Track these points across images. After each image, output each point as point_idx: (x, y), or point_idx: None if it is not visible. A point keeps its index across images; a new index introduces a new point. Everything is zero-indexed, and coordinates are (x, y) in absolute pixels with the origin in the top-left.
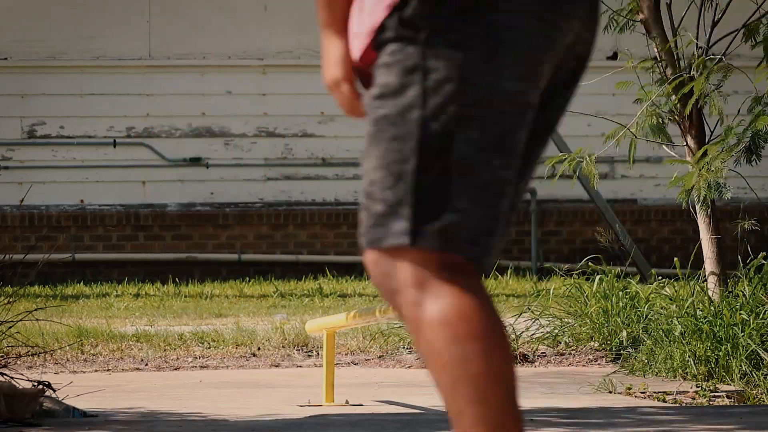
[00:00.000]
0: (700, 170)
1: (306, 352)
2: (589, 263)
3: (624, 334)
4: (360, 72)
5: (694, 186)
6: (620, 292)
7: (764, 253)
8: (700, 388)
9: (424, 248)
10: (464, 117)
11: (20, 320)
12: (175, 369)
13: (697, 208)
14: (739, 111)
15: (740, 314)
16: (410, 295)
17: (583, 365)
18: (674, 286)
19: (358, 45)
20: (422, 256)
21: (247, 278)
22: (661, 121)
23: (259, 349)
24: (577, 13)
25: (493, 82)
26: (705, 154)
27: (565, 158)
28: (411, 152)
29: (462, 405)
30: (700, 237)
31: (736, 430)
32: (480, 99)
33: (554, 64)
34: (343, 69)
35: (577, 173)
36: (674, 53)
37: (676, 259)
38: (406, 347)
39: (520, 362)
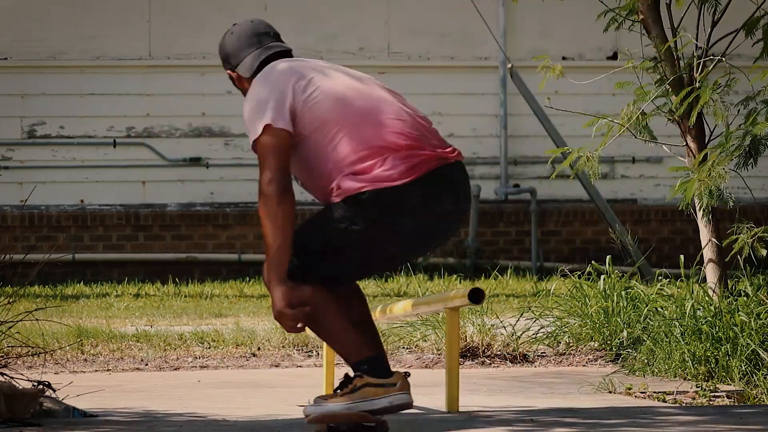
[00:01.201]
0: (700, 179)
1: (306, 352)
2: (594, 262)
3: (624, 334)
4: None
5: (695, 194)
6: (621, 293)
7: (734, 226)
8: (700, 388)
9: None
10: (356, 246)
11: (20, 320)
12: (175, 369)
13: (698, 212)
14: (738, 111)
15: (740, 315)
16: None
17: (583, 365)
18: (676, 286)
19: (336, 197)
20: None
21: (247, 278)
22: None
23: (259, 349)
24: (445, 202)
25: (382, 243)
26: (705, 158)
27: (568, 151)
28: (327, 242)
29: (322, 336)
30: (700, 238)
31: (736, 430)
32: (368, 246)
33: (430, 230)
34: (289, 302)
35: (574, 168)
36: (674, 53)
37: (681, 257)
38: (405, 347)
39: (519, 362)
